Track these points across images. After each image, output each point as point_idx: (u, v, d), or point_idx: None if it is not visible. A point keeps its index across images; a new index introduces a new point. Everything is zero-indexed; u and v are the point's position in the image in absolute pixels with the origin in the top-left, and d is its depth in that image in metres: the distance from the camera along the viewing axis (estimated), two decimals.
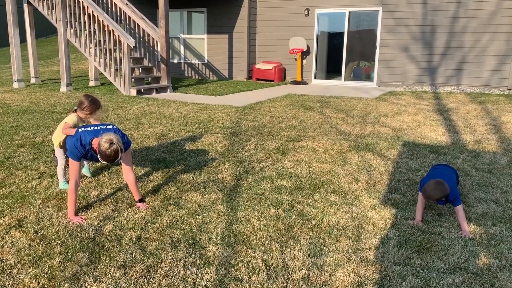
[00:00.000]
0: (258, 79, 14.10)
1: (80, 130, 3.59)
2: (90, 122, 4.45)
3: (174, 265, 2.72)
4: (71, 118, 4.07)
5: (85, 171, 4.36)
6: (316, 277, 2.62)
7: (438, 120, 7.41)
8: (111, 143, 3.23)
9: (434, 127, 6.84)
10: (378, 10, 12.48)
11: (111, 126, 3.64)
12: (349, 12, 12.94)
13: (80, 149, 3.46)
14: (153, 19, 14.12)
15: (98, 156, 3.33)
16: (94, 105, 4.05)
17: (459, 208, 3.31)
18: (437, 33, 11.84)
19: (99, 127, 3.58)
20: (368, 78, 13.25)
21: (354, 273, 2.66)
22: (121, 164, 3.66)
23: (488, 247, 3.02)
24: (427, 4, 11.82)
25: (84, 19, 10.35)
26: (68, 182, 4.19)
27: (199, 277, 2.59)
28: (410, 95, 10.76)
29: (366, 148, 5.52)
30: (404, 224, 3.36)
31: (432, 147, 5.65)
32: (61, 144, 4.05)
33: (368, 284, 2.55)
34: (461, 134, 6.37)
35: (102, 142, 3.24)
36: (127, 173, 3.60)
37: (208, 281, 2.55)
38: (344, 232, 3.21)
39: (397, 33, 12.27)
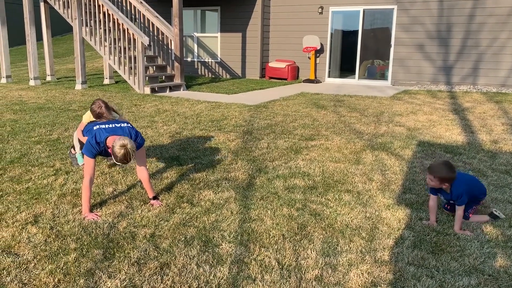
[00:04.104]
0: (271, 78, 14.08)
1: (95, 127, 3.63)
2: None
3: (188, 262, 2.73)
4: (86, 117, 4.32)
5: (79, 160, 4.47)
6: (330, 277, 2.60)
7: (453, 120, 7.31)
8: (125, 148, 3.27)
9: (450, 127, 6.75)
10: (393, 8, 12.36)
11: (125, 124, 3.67)
12: (364, 10, 12.84)
13: (95, 146, 3.49)
14: (167, 17, 14.17)
15: (112, 156, 3.37)
16: (102, 110, 4.16)
17: (459, 208, 3.28)
18: (453, 31, 11.68)
19: (114, 125, 3.62)
20: (383, 76, 13.14)
21: (367, 274, 2.64)
22: (135, 162, 3.69)
23: (505, 249, 2.97)
24: (443, 2, 11.66)
25: (99, 17, 10.45)
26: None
27: (212, 275, 2.59)
28: (425, 94, 10.64)
29: (381, 148, 5.47)
30: (419, 224, 3.32)
31: (447, 147, 5.58)
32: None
33: (382, 285, 2.53)
34: (477, 134, 6.28)
35: (116, 147, 3.28)
36: (141, 170, 3.63)
37: (221, 279, 2.56)
38: (357, 232, 3.19)
39: (412, 31, 12.13)
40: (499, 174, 4.54)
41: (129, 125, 3.69)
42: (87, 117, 4.36)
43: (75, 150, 4.56)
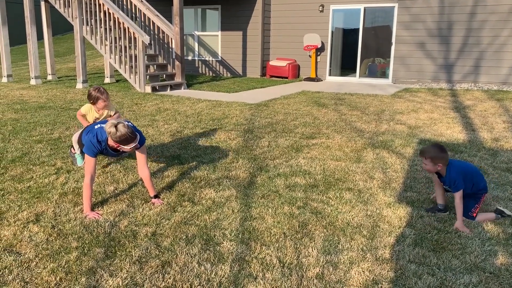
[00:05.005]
0: (272, 76, 14.07)
1: (96, 127, 3.63)
2: (110, 115, 4.58)
3: (189, 261, 2.73)
4: (84, 107, 4.55)
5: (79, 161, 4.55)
6: (331, 274, 2.61)
7: (454, 118, 7.30)
8: (115, 126, 3.31)
9: (451, 125, 6.75)
10: (394, 6, 12.35)
11: (126, 123, 3.67)
12: (365, 8, 12.82)
13: (97, 145, 3.50)
14: (168, 16, 14.16)
15: (121, 147, 3.39)
16: (101, 93, 4.44)
17: (456, 195, 3.29)
18: (454, 29, 11.66)
19: None
20: (383, 75, 13.13)
21: (369, 271, 2.64)
22: (136, 160, 3.69)
23: (506, 246, 2.97)
24: None
25: (99, 16, 10.45)
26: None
27: (213, 273, 2.60)
28: (426, 92, 10.63)
29: (381, 146, 5.47)
30: (420, 222, 3.32)
31: (448, 145, 5.57)
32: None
33: (383, 283, 2.53)
34: (479, 132, 6.28)
35: (109, 129, 3.33)
36: (142, 168, 3.63)
37: (222, 277, 2.56)
38: (358, 230, 3.19)
39: (413, 29, 12.11)
40: (500, 172, 4.54)
41: (129, 123, 3.69)
42: (85, 107, 4.55)
43: (75, 150, 4.58)
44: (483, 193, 3.45)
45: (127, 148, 3.43)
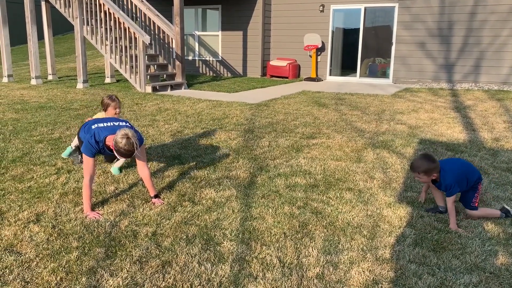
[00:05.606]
0: (272, 76, 14.07)
1: (93, 126, 3.63)
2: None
3: (189, 260, 2.74)
4: (97, 115, 4.54)
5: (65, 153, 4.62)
6: (331, 274, 2.61)
7: (455, 118, 7.30)
8: (127, 138, 3.27)
9: (451, 125, 6.74)
10: (394, 6, 12.34)
11: (124, 123, 3.67)
12: (365, 8, 12.82)
13: (95, 145, 3.50)
14: (168, 16, 14.17)
15: (115, 153, 3.37)
16: (112, 100, 4.39)
17: (448, 200, 3.29)
18: (454, 29, 11.65)
19: (112, 124, 3.62)
20: (384, 74, 13.13)
21: (369, 271, 2.64)
22: (135, 160, 3.70)
23: (506, 246, 2.97)
24: None
25: (100, 16, 10.46)
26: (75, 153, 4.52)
27: (213, 273, 2.60)
28: (426, 92, 10.63)
29: (382, 146, 5.47)
30: (420, 222, 3.33)
31: (449, 144, 5.57)
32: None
33: (383, 283, 2.53)
34: (479, 132, 6.27)
35: (118, 139, 3.28)
36: (141, 168, 3.63)
37: (222, 277, 2.56)
38: (359, 230, 3.19)
39: (413, 29, 12.11)
40: (501, 172, 4.54)
41: (128, 124, 3.69)
42: (98, 115, 4.56)
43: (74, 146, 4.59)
44: (478, 182, 3.43)
45: (117, 156, 3.43)
